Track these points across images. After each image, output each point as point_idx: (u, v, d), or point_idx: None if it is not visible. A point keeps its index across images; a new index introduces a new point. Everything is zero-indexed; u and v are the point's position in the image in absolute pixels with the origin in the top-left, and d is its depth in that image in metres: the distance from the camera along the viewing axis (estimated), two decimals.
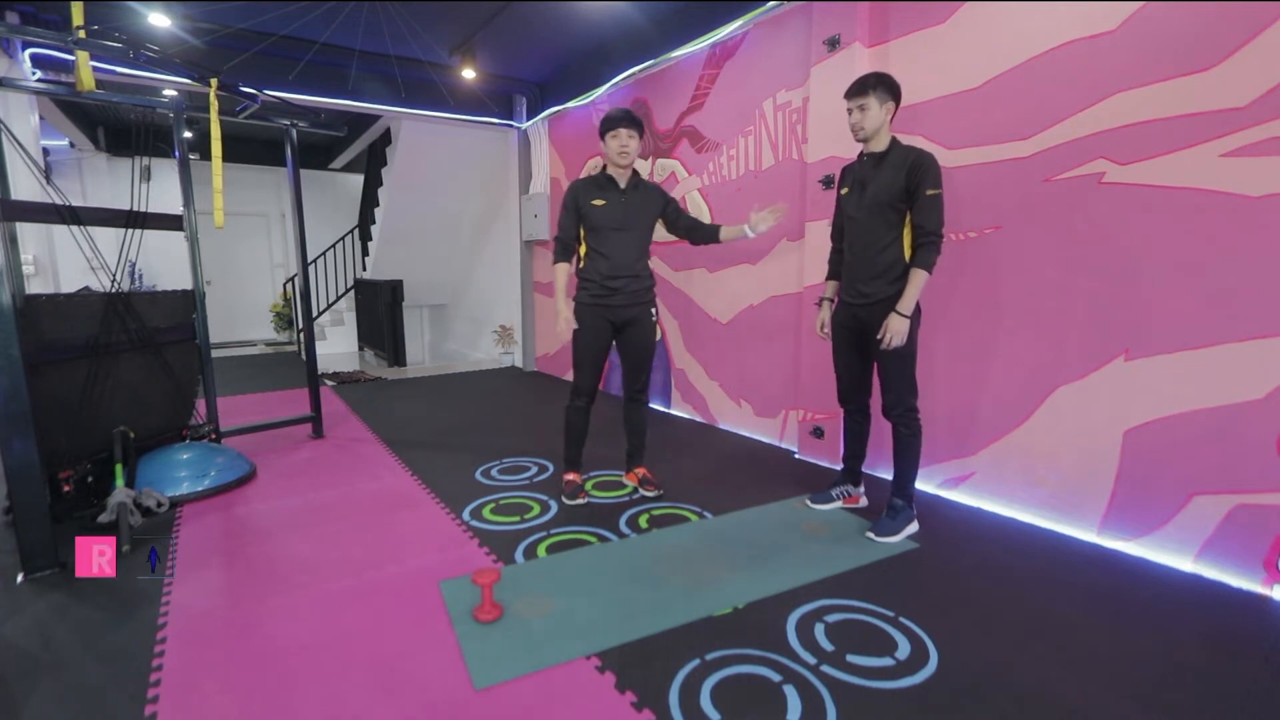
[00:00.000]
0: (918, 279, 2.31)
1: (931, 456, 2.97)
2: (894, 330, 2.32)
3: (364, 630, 1.88)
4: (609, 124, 2.70)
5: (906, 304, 2.32)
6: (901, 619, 1.91)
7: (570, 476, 2.96)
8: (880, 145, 2.41)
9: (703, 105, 4.11)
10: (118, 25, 4.07)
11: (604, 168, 2.80)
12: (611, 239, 2.75)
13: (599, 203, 2.74)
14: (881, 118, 2.36)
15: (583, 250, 2.83)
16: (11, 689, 1.63)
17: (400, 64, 5.19)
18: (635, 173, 2.81)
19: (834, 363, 2.69)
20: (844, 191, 2.57)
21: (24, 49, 4.02)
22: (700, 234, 2.91)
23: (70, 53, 2.81)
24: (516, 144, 6.36)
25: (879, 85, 2.34)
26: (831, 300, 2.72)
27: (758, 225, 2.72)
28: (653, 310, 2.88)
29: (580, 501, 2.86)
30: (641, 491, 2.99)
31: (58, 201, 2.70)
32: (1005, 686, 1.62)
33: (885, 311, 2.36)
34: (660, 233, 2.92)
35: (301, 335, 5.58)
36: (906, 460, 2.48)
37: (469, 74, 5.10)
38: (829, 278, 2.74)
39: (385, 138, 7.04)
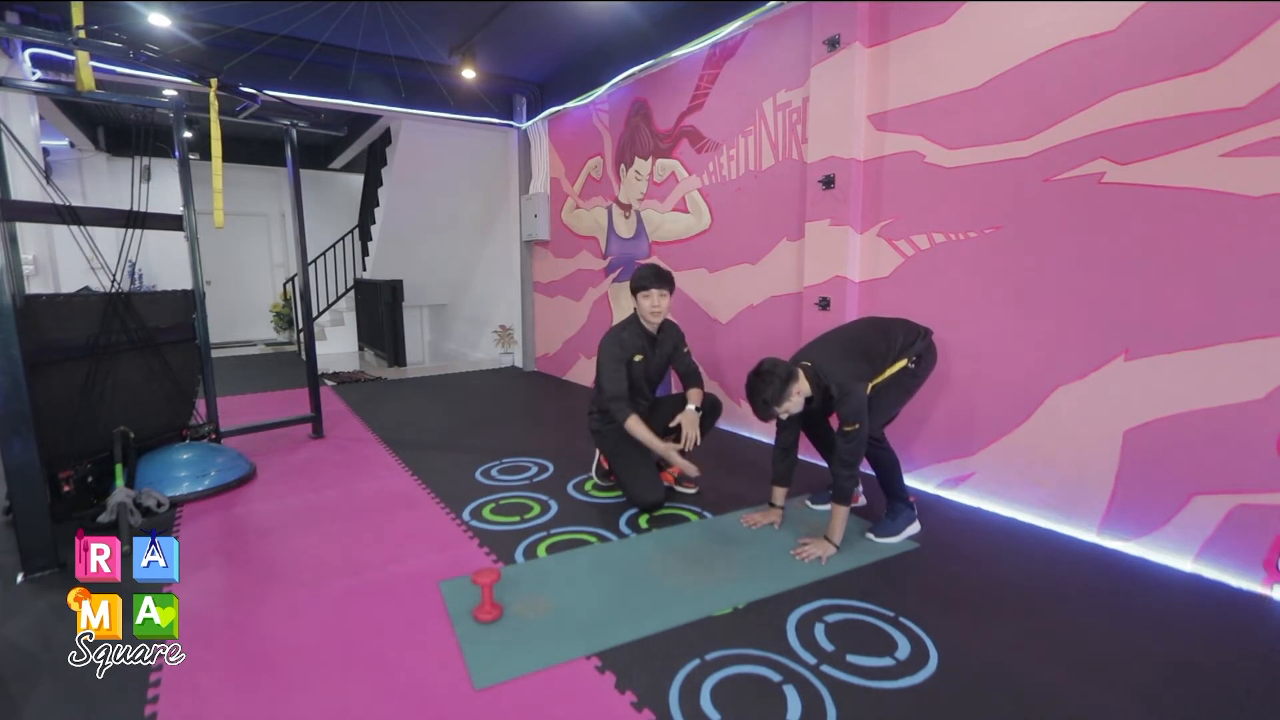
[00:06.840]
0: (840, 515, 2.31)
1: (931, 456, 2.98)
2: (822, 554, 2.28)
3: (364, 630, 1.88)
4: (640, 283, 2.68)
5: (836, 533, 2.32)
6: (901, 619, 1.91)
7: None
8: (799, 403, 2.32)
9: (703, 105, 4.11)
10: (118, 25, 4.07)
11: (635, 318, 2.82)
12: (643, 393, 2.87)
13: (639, 358, 2.79)
14: (799, 402, 2.29)
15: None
16: (11, 689, 1.63)
17: (400, 64, 5.19)
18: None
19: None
20: (784, 418, 2.40)
21: (24, 49, 4.02)
22: (684, 376, 2.94)
23: (70, 53, 2.81)
24: (516, 144, 6.36)
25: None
26: (781, 507, 2.61)
27: (684, 447, 2.68)
28: None
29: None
30: (679, 488, 3.02)
31: (58, 201, 2.70)
32: (1005, 686, 1.62)
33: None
34: (659, 233, 2.91)
35: (301, 335, 5.57)
36: (888, 470, 2.48)
37: (469, 74, 5.10)
38: (777, 483, 2.57)
39: (385, 138, 7.04)
